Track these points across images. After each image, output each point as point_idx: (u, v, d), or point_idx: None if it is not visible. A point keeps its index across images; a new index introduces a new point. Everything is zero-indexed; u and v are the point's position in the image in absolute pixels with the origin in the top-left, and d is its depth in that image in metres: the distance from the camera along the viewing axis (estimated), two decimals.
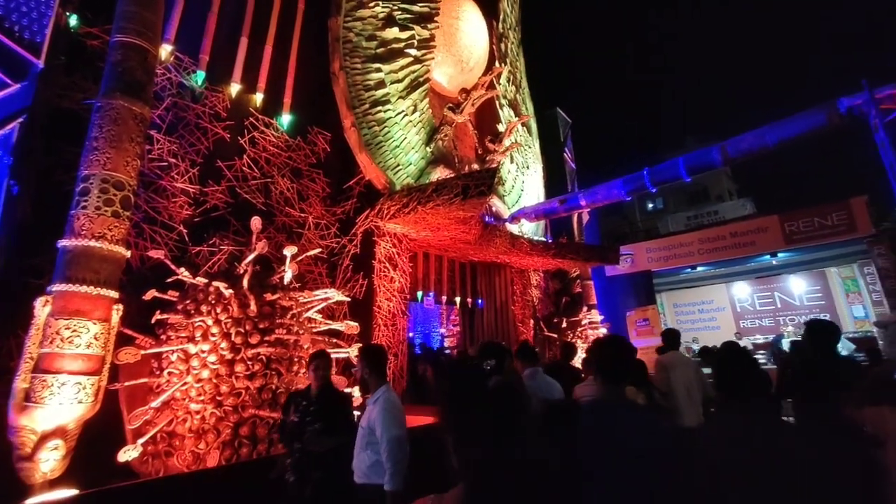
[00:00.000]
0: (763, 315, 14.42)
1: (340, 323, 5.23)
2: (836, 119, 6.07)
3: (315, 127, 7.14)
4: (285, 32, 7.26)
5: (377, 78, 7.70)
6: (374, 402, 2.70)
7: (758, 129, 6.76)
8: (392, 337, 6.96)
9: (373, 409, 2.66)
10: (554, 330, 9.98)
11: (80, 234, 3.56)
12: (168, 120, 5.49)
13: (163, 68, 5.55)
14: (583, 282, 11.02)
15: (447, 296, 8.87)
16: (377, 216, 7.04)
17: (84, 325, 3.44)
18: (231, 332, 4.20)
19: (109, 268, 3.68)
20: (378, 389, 2.76)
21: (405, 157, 7.96)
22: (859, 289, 12.57)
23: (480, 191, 5.91)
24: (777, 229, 11.75)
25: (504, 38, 11.22)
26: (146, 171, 5.08)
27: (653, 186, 8.23)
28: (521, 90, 11.92)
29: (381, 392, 2.73)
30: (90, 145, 3.79)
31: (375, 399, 2.71)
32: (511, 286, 10.11)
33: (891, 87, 5.62)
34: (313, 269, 6.55)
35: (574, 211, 10.03)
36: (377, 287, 6.93)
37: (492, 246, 8.43)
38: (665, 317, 15.40)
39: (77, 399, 3.35)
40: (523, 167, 11.20)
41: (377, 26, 7.86)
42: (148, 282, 4.48)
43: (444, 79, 9.72)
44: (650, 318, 12.67)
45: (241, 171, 6.10)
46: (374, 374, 2.82)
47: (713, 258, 12.96)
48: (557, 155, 13.86)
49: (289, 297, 4.69)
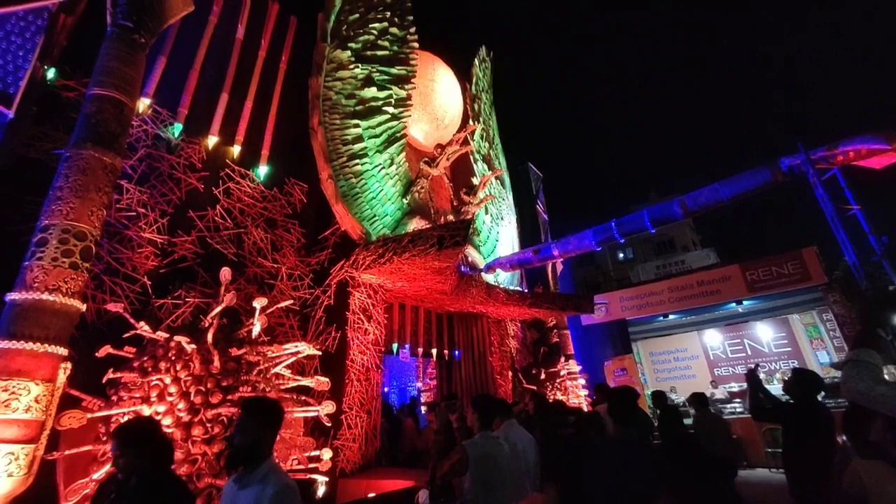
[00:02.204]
0: (735, 362, 14.65)
1: (310, 379, 4.97)
2: (780, 176, 6.61)
3: (292, 178, 7.22)
4: (266, 89, 7.53)
5: (355, 133, 7.96)
6: (259, 480, 1.93)
7: (712, 185, 7.27)
8: (365, 393, 6.65)
9: (261, 494, 1.87)
10: (533, 381, 9.81)
11: (31, 286, 3.36)
12: (140, 170, 5.44)
13: (139, 120, 5.59)
14: (560, 331, 11.04)
15: (423, 348, 8.66)
16: (352, 266, 6.98)
17: (25, 386, 3.15)
18: (190, 390, 3.92)
19: (61, 323, 3.45)
20: (264, 464, 1.99)
21: (381, 208, 8.07)
22: (821, 335, 13.05)
23: (456, 241, 5.99)
24: (739, 278, 12.30)
25: (477, 99, 11.96)
26: (112, 222, 4.94)
27: (621, 237, 8.57)
28: (494, 146, 12.54)
29: (267, 469, 1.98)
30: (53, 195, 3.68)
31: (262, 476, 1.94)
32: (489, 337, 10.00)
33: (823, 150, 6.23)
34: (284, 322, 6.32)
35: (548, 261, 10.25)
36: (351, 340, 6.72)
37: (468, 296, 8.41)
38: (642, 365, 15.44)
39: (7, 472, 2.98)
40: (497, 218, 11.52)
41: (356, 86, 8.25)
42: (103, 337, 4.20)
43: (421, 135, 10.15)
44: (627, 367, 12.70)
45: (214, 221, 6.01)
46: (265, 441, 2.06)
47: (683, 306, 13.33)
48: (530, 207, 14.40)
49: (256, 351, 4.47)
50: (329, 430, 5.57)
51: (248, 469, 1.98)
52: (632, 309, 14.05)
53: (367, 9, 8.74)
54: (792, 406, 3.77)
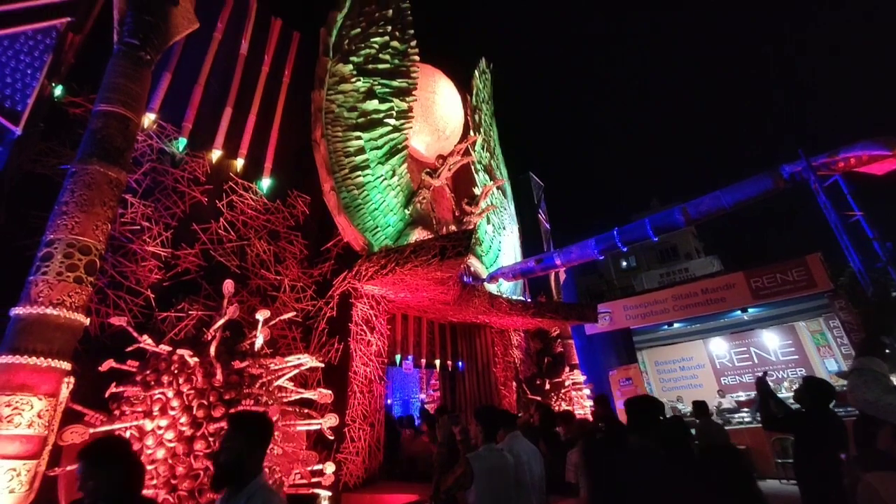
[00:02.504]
0: (742, 371, 14.47)
1: (313, 391, 4.95)
2: (781, 183, 6.60)
3: (295, 190, 7.27)
4: (269, 103, 7.63)
5: (357, 145, 8.03)
6: (245, 501, 1.81)
7: (714, 193, 7.26)
8: (368, 405, 6.60)
9: None
10: (537, 392, 9.71)
11: (36, 301, 3.37)
12: (145, 184, 5.50)
13: (144, 135, 5.66)
14: (564, 341, 10.96)
15: (426, 359, 8.61)
16: (355, 278, 6.98)
17: (28, 401, 3.15)
18: (193, 404, 3.91)
19: (64, 337, 3.46)
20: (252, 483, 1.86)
21: (384, 219, 8.10)
22: (828, 342, 12.89)
23: (458, 251, 6.00)
24: (744, 285, 12.21)
25: (478, 110, 12.06)
26: (116, 235, 4.97)
27: (623, 245, 8.55)
28: (495, 156, 12.61)
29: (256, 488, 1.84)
30: (59, 209, 3.72)
31: (249, 496, 1.81)
32: (492, 347, 9.94)
33: (824, 156, 6.22)
34: (287, 334, 6.31)
35: (550, 270, 10.22)
36: (353, 351, 6.69)
37: (471, 306, 8.38)
38: (647, 375, 15.27)
39: (8, 488, 2.96)
40: (500, 228, 11.53)
41: (358, 99, 8.35)
42: (106, 351, 4.20)
43: (422, 146, 10.23)
44: (633, 377, 12.57)
45: (217, 233, 6.04)
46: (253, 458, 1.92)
47: (688, 314, 13.22)
48: (532, 216, 14.41)
49: (259, 364, 4.45)
50: (332, 443, 5.52)
51: (235, 489, 1.83)
52: (636, 318, 13.94)
53: (368, 23, 8.88)
54: (803, 415, 3.71)
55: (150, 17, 4.65)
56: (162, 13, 4.82)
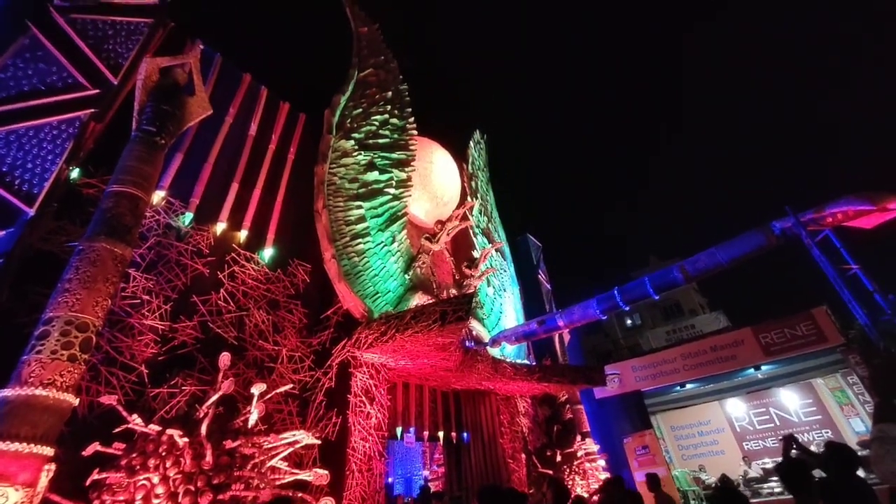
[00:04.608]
0: (765, 434, 13.64)
1: (308, 471, 4.65)
2: (773, 239, 6.71)
3: (296, 259, 7.38)
4: (274, 178, 8.00)
5: (358, 214, 8.30)
6: None
7: (708, 250, 7.36)
8: (367, 486, 6.16)
9: None
10: (548, 465, 9.08)
11: (26, 381, 3.30)
12: (149, 258, 5.60)
13: (153, 211, 5.87)
14: (573, 406, 10.48)
15: (429, 430, 8.17)
16: (354, 345, 6.86)
17: (3, 492, 2.95)
18: (179, 490, 3.66)
19: (51, 420, 3.33)
20: None
21: (384, 284, 8.13)
22: (850, 400, 12.29)
23: (459, 316, 5.95)
24: (753, 341, 11.90)
25: (474, 177, 12.62)
26: (116, 310, 4.97)
27: (625, 304, 8.48)
28: (492, 220, 12.95)
29: None
30: (61, 287, 3.77)
31: None
32: (498, 416, 9.48)
33: (811, 212, 6.39)
34: (283, 408, 6.06)
35: (553, 332, 10.04)
36: (352, 425, 6.38)
37: (474, 372, 8.13)
38: (664, 441, 14.38)
39: None
40: (500, 290, 11.52)
41: (359, 171, 8.77)
42: (93, 432, 4.02)
43: (421, 212, 10.56)
44: (649, 444, 11.82)
45: (216, 305, 6.04)
46: None
47: (699, 374, 12.74)
48: (532, 277, 14.46)
49: (251, 442, 4.24)
50: None
51: None
52: (646, 379, 13.42)
53: (369, 104, 9.58)
54: (830, 484, 3.46)
55: (167, 106, 5.05)
56: (179, 102, 5.24)
